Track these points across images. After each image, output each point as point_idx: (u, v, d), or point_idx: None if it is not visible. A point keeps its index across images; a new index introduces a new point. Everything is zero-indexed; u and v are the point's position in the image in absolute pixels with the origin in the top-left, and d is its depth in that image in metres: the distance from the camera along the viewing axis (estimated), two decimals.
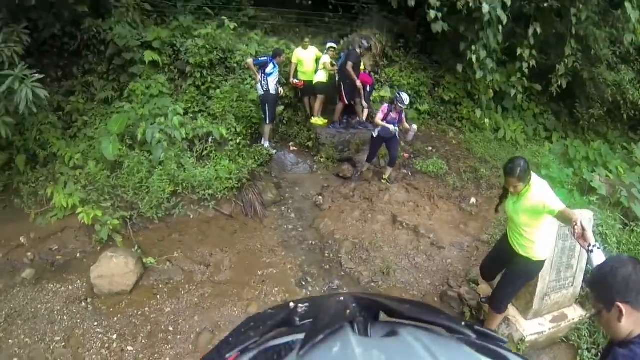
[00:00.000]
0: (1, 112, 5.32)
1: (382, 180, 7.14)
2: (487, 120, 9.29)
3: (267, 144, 7.66)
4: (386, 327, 0.59)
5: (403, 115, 6.66)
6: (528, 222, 3.41)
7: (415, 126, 6.82)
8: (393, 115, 6.50)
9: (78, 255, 5.18)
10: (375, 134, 6.72)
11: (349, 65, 7.44)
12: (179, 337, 4.15)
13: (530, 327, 4.02)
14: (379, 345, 0.50)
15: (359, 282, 5.24)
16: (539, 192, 3.26)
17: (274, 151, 7.74)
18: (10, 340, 4.02)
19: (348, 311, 0.59)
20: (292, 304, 0.65)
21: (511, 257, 3.67)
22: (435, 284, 5.36)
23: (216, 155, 6.74)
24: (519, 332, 4.09)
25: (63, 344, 3.92)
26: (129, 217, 5.53)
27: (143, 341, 4.07)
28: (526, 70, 8.52)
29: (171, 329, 4.23)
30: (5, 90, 5.02)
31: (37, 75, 5.25)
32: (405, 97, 6.43)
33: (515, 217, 3.48)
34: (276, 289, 4.91)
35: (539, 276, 3.92)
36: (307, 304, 0.65)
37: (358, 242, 5.86)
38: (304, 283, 5.14)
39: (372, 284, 5.22)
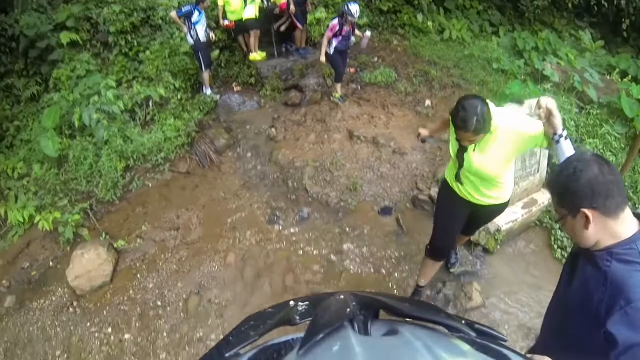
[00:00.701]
0: None
1: (333, 99, 7.05)
2: (430, 23, 9.19)
3: (209, 92, 7.50)
4: (386, 326, 0.60)
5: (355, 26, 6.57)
6: (501, 171, 2.65)
7: (368, 32, 6.74)
8: (346, 28, 6.36)
9: (51, 263, 5.09)
10: (330, 51, 6.50)
11: None
12: (168, 308, 4.18)
13: (503, 216, 4.08)
14: (379, 343, 0.51)
15: (328, 204, 5.26)
16: (512, 132, 2.46)
17: (218, 96, 7.56)
18: None
19: (348, 309, 0.59)
20: (292, 302, 0.64)
21: (476, 213, 3.06)
22: (405, 190, 5.38)
23: (160, 117, 6.58)
24: (495, 224, 4.16)
25: (65, 355, 3.93)
26: (88, 207, 5.41)
27: (137, 324, 4.10)
28: None
29: (159, 303, 4.25)
30: None
31: None
32: (355, 9, 6.23)
33: (482, 172, 2.66)
34: (248, 232, 4.91)
35: None
36: (306, 302, 0.64)
37: (319, 164, 5.84)
38: (274, 218, 5.16)
39: (342, 203, 5.24)
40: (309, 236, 4.86)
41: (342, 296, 0.63)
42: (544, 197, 4.70)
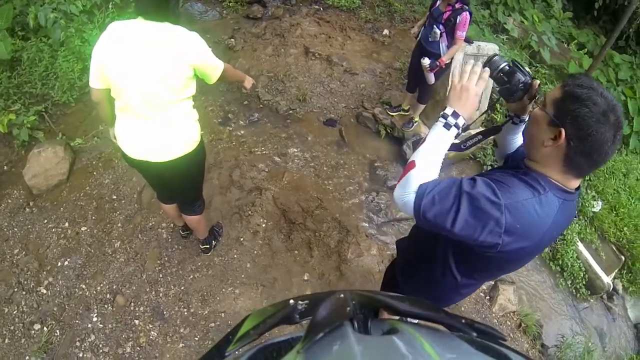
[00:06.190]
0: None
1: (406, 128, 5.45)
2: None
3: None
4: (386, 325, 0.59)
5: None
6: None
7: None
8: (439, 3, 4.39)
9: (5, 167, 5.04)
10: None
11: None
12: (123, 201, 4.40)
13: None
14: (378, 343, 0.50)
15: (277, 111, 5.59)
16: None
17: (180, 3, 7.43)
18: None
19: (348, 308, 0.58)
20: (291, 302, 0.62)
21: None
22: (351, 107, 5.77)
23: (121, 20, 6.42)
24: None
25: (23, 252, 4.04)
26: (44, 109, 5.37)
27: (93, 217, 4.28)
28: None
29: (114, 197, 4.45)
30: None
31: None
32: None
33: None
34: (202, 131, 5.04)
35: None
36: (306, 301, 0.62)
37: (273, 75, 6.06)
38: (226, 121, 5.41)
39: (290, 111, 5.59)
40: (257, 139, 5.17)
41: (342, 295, 0.62)
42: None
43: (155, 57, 2.25)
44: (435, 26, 4.31)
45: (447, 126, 1.52)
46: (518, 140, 1.86)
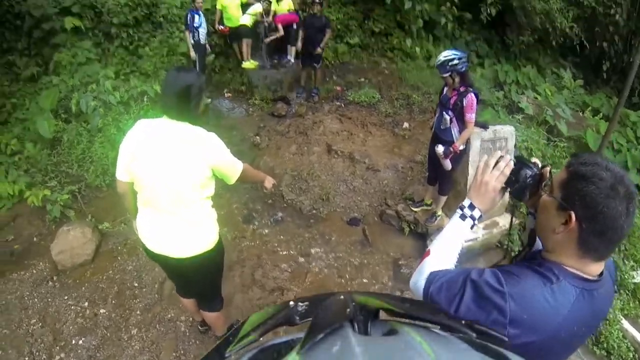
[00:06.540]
0: None
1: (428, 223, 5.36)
2: (417, 49, 9.56)
3: None
4: (386, 326, 0.58)
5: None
6: None
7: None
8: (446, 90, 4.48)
9: (35, 239, 5.25)
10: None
11: None
12: (144, 290, 4.44)
13: None
14: (378, 344, 0.50)
15: (301, 211, 5.67)
16: None
17: (209, 100, 7.60)
18: None
19: (348, 310, 0.58)
20: (292, 303, 0.63)
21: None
22: (374, 205, 5.83)
23: (153, 113, 6.73)
24: None
25: (40, 324, 4.08)
26: (77, 190, 5.62)
27: (113, 301, 4.32)
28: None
29: (136, 284, 4.51)
30: None
31: None
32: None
33: None
34: (225, 228, 5.15)
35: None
36: (307, 303, 0.63)
37: (297, 174, 6.22)
38: (250, 219, 5.51)
39: (314, 211, 5.67)
40: (281, 238, 5.24)
41: (342, 297, 0.62)
42: (505, 221, 5.06)
43: (175, 156, 2.35)
44: (444, 113, 4.34)
45: (463, 217, 1.52)
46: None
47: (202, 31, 7.46)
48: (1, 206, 5.54)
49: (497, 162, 1.51)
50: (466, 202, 1.54)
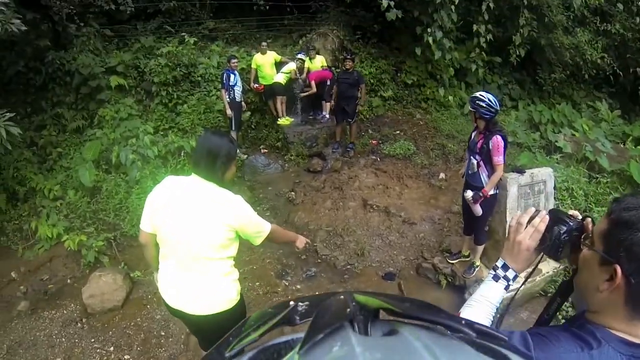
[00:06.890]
0: None
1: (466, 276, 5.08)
2: (451, 98, 9.53)
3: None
4: (386, 326, 0.58)
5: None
6: None
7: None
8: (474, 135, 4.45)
9: (68, 281, 5.37)
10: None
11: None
12: (170, 339, 4.37)
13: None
14: (378, 344, 0.50)
15: (335, 266, 5.50)
16: None
17: (245, 156, 8.00)
18: None
19: (348, 310, 0.57)
20: (292, 303, 0.62)
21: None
22: (410, 258, 5.63)
23: (190, 168, 6.84)
24: None
25: None
26: (112, 237, 5.74)
27: (138, 348, 4.28)
28: (484, 45, 8.83)
29: (163, 333, 4.45)
30: None
31: (7, 114, 5.25)
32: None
33: None
34: (257, 283, 5.13)
35: None
36: (307, 303, 0.62)
37: (332, 229, 6.12)
38: (283, 274, 5.38)
39: (349, 267, 5.49)
40: (314, 293, 5.06)
41: (342, 296, 0.61)
42: (548, 267, 4.78)
43: (197, 213, 2.35)
44: (472, 157, 4.29)
45: (496, 278, 1.41)
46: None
47: (238, 89, 7.70)
48: (40, 247, 5.75)
49: (531, 218, 1.36)
50: (499, 262, 1.42)
